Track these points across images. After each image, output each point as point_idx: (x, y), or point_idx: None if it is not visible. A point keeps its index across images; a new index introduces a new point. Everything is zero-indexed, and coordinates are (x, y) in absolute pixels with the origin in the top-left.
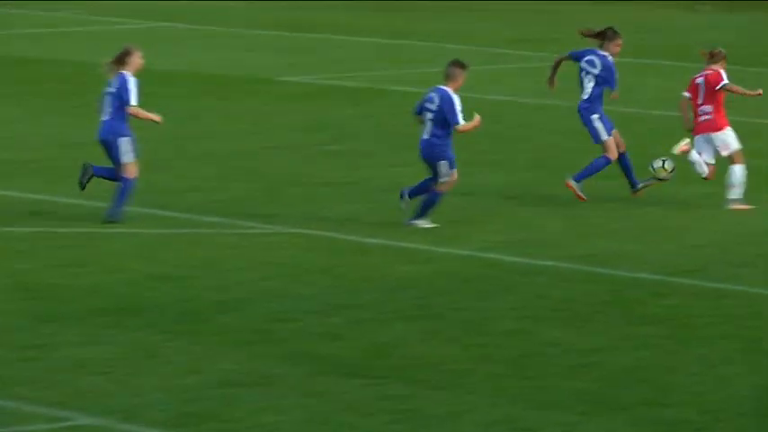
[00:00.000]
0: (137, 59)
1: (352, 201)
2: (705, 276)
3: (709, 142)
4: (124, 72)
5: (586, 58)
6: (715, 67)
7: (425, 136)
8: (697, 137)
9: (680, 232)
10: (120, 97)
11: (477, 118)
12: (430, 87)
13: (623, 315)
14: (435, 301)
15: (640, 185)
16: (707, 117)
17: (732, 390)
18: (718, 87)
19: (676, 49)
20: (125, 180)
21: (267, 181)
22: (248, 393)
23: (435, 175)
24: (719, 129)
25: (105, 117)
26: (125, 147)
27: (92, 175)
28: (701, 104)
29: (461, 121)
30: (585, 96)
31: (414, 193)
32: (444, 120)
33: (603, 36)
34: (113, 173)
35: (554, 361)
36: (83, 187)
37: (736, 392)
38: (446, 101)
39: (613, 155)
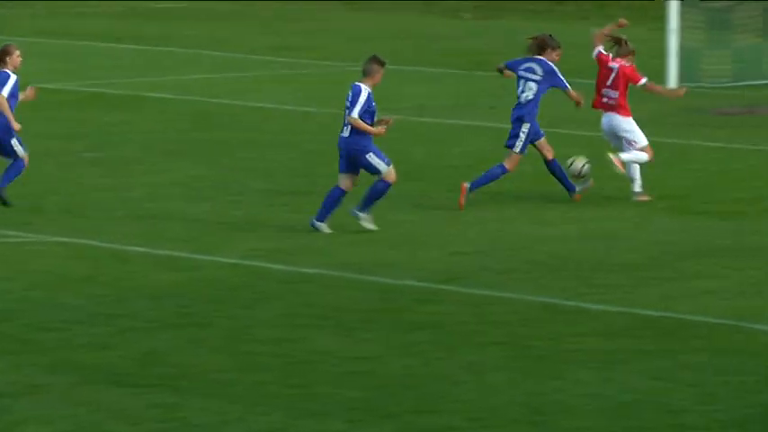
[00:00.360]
0: (15, 58)
1: (113, 208)
2: (472, 283)
3: (611, 124)
4: (5, 70)
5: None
6: (626, 58)
7: (345, 133)
8: (604, 127)
9: (445, 240)
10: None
11: (380, 128)
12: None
13: (391, 323)
14: (201, 309)
15: (578, 189)
16: (611, 101)
17: (503, 396)
18: (638, 85)
19: (439, 56)
20: (19, 162)
21: (28, 189)
22: (13, 404)
23: (370, 171)
24: (625, 115)
25: None
26: (16, 141)
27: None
28: (608, 87)
29: (355, 114)
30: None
31: (323, 215)
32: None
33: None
34: (17, 168)
35: (322, 369)
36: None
37: (507, 399)
38: (354, 94)
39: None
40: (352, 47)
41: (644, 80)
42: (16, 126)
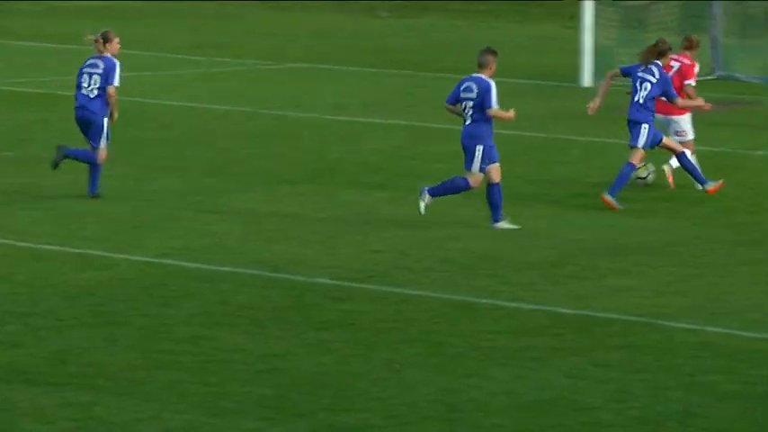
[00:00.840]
0: (116, 45)
1: (27, 207)
2: (386, 281)
3: (669, 124)
4: (110, 56)
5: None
6: (690, 54)
7: (467, 122)
8: (658, 116)
9: (361, 238)
10: (107, 79)
11: (511, 112)
12: (463, 77)
13: (304, 320)
14: (115, 307)
15: (707, 185)
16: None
17: (417, 394)
18: (685, 83)
19: (355, 55)
20: (94, 156)
21: None
22: None
23: (466, 162)
24: (680, 113)
25: (92, 95)
26: (105, 130)
27: (65, 156)
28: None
29: (495, 105)
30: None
31: (435, 191)
32: (483, 106)
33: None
34: (88, 155)
35: (235, 367)
36: (55, 166)
37: (421, 396)
38: (484, 87)
39: (636, 161)
40: (268, 45)
41: (690, 82)
42: (115, 116)
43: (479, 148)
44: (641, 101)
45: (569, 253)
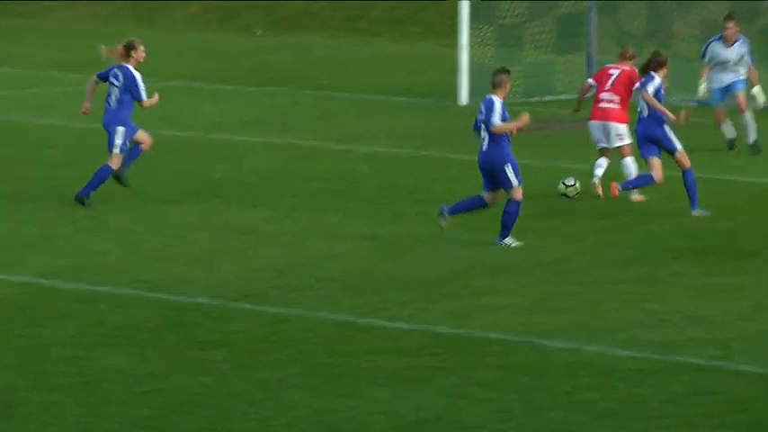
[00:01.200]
0: (141, 53)
1: None
2: (265, 301)
3: (605, 129)
4: (128, 66)
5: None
6: (630, 64)
7: (483, 147)
8: (593, 122)
9: (240, 257)
10: (128, 91)
11: (523, 117)
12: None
13: (183, 340)
14: None
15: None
16: (609, 105)
17: (295, 414)
18: (635, 87)
19: (233, 73)
20: (106, 167)
21: None
22: None
23: (503, 184)
24: (621, 121)
25: (112, 105)
26: (118, 137)
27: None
28: (607, 91)
29: (497, 122)
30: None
31: (455, 210)
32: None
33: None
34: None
35: (114, 388)
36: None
37: (300, 417)
38: (488, 105)
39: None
40: (143, 63)
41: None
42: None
43: (508, 167)
44: (647, 113)
45: (448, 271)
